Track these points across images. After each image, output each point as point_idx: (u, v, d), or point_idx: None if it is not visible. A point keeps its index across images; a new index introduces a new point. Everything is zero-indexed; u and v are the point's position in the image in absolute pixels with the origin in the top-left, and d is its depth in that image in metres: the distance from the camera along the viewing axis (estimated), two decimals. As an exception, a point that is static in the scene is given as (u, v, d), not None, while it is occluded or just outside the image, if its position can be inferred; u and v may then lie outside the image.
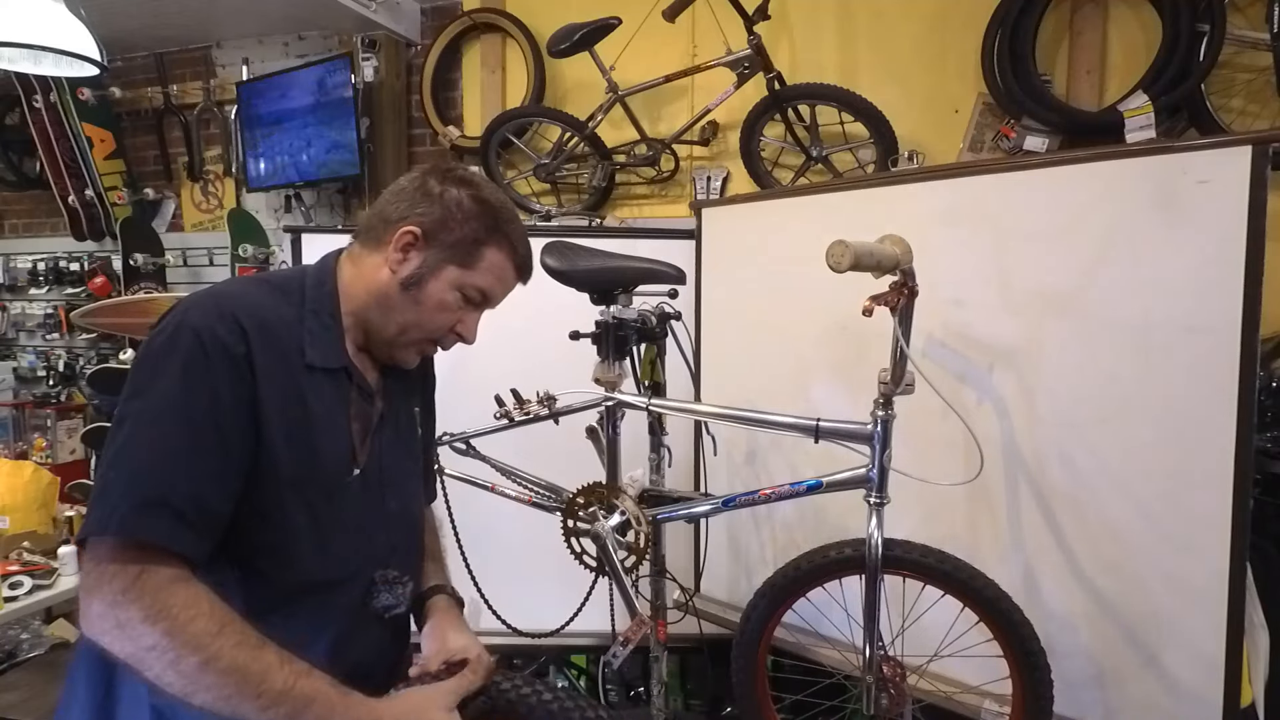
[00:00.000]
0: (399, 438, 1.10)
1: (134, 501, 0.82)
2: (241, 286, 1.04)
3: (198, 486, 0.85)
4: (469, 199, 1.02)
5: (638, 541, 1.62)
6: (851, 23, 2.63)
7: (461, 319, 1.06)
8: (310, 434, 0.94)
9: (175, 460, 0.84)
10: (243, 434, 0.88)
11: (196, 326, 0.87)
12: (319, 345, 0.98)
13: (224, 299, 0.93)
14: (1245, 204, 1.36)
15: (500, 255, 1.05)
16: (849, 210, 1.87)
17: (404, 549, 1.09)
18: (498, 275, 1.05)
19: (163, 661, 0.80)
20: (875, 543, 1.39)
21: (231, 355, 0.88)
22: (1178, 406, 1.45)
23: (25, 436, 3.63)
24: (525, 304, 1.24)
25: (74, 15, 2.10)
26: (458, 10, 3.16)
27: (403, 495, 1.09)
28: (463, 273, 1.02)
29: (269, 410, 0.90)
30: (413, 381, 1.16)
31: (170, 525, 0.83)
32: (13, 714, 2.06)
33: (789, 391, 1.99)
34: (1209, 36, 2.07)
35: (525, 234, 1.09)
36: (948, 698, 1.69)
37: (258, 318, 0.92)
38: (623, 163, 2.86)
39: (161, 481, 0.83)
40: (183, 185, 3.74)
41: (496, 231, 1.04)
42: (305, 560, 0.94)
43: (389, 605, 1.04)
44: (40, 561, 2.25)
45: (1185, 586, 1.46)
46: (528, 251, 1.10)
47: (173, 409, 0.85)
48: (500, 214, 1.05)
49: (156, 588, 0.82)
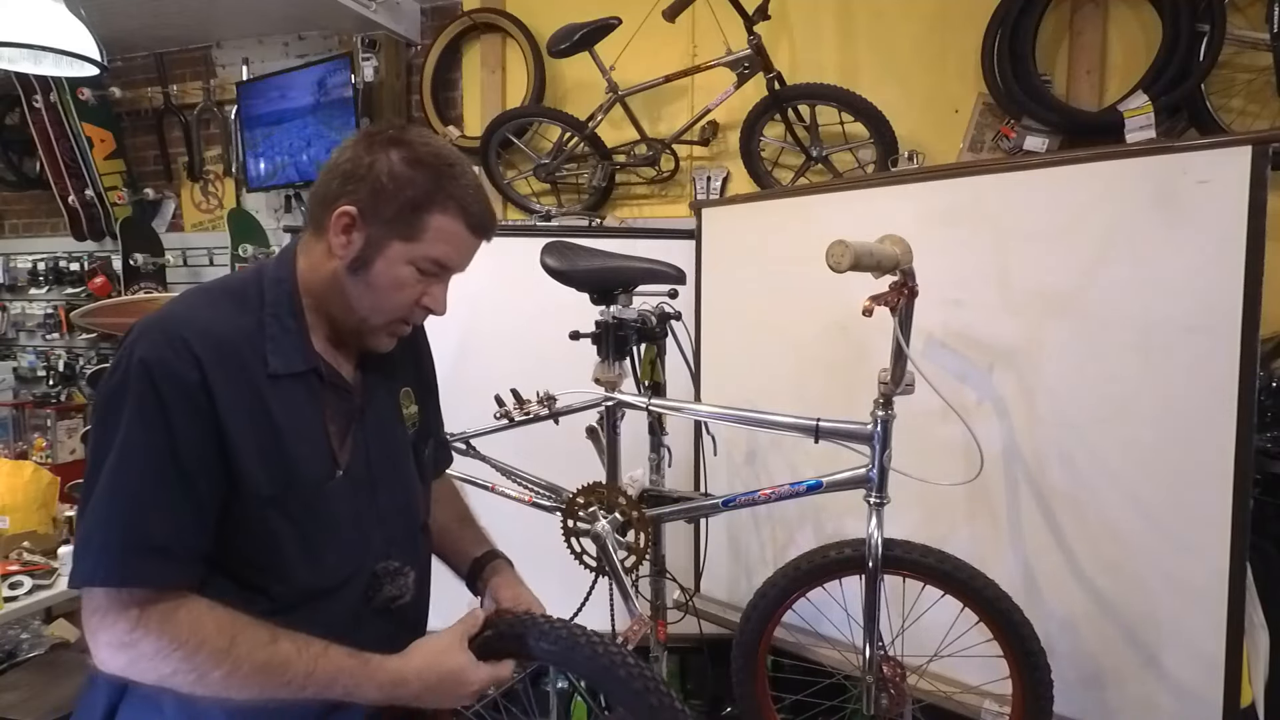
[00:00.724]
0: (385, 428, 1.06)
1: (116, 551, 0.83)
2: (191, 304, 0.95)
3: (174, 524, 0.85)
4: (401, 163, 0.93)
5: (638, 541, 1.62)
6: (851, 23, 2.63)
7: (425, 292, 0.98)
8: (283, 446, 0.91)
9: (148, 505, 0.84)
10: (209, 463, 0.87)
11: (145, 360, 0.84)
12: (282, 351, 0.93)
13: (172, 323, 0.88)
14: (1245, 204, 1.36)
15: (447, 219, 0.94)
16: (849, 210, 1.87)
17: (402, 539, 1.07)
18: (449, 241, 0.96)
19: (188, 681, 0.84)
20: (875, 543, 1.39)
21: (185, 385, 0.85)
22: (1178, 406, 1.45)
23: (25, 436, 3.63)
24: (525, 304, 1.23)
25: (74, 15, 2.10)
26: (458, 10, 3.16)
27: (395, 486, 1.07)
28: (410, 246, 0.94)
29: (235, 431, 0.88)
30: (397, 363, 1.11)
31: (156, 567, 0.84)
32: (13, 714, 2.05)
33: (789, 391, 1.99)
34: (1209, 36, 2.07)
35: (475, 186, 0.97)
36: (948, 698, 1.69)
37: (210, 337, 0.88)
38: (623, 163, 2.86)
39: (138, 526, 0.84)
40: (183, 185, 3.73)
41: (439, 193, 0.94)
42: (298, 571, 0.94)
43: (393, 597, 1.03)
44: (40, 561, 2.24)
45: (1185, 586, 1.46)
46: (481, 207, 0.97)
47: (135, 453, 0.84)
48: (440, 172, 0.94)
49: (160, 622, 0.84)
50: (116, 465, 0.84)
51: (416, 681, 0.93)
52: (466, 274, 1.04)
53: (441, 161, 0.95)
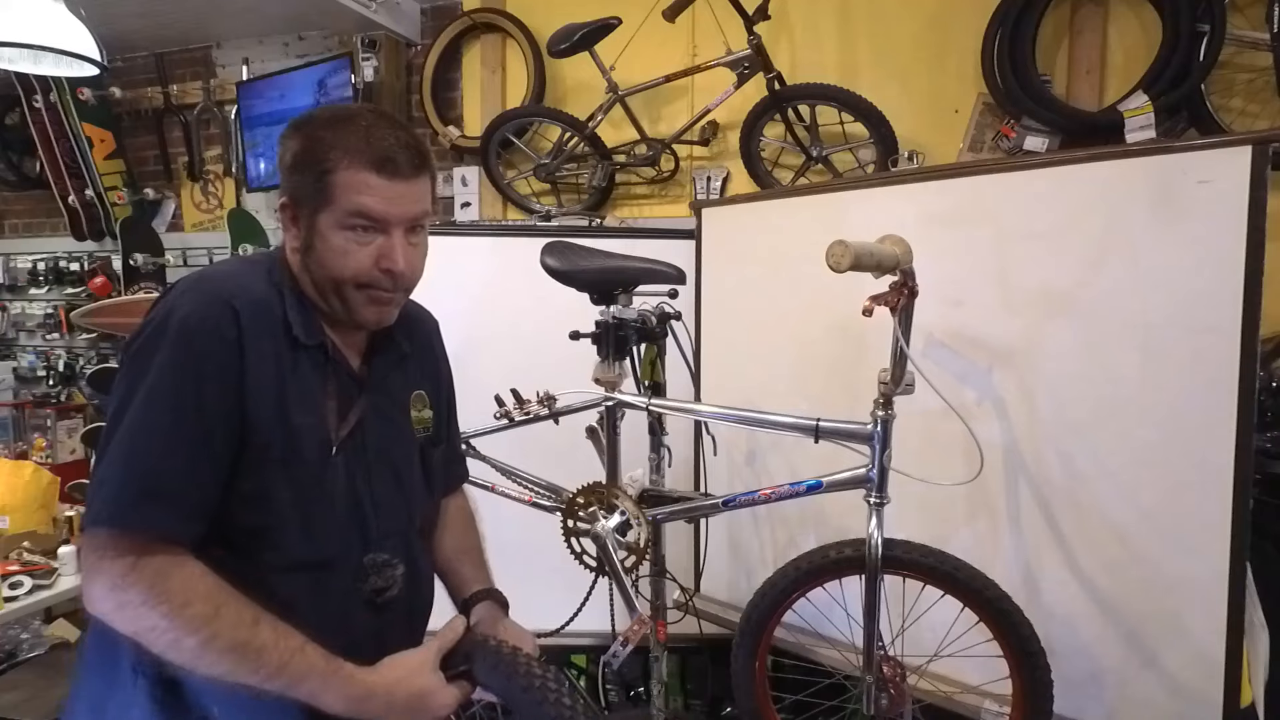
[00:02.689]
0: (390, 423, 1.08)
1: (129, 492, 0.85)
2: (231, 267, 1.03)
3: (188, 475, 0.87)
4: (302, 139, 0.95)
5: (638, 541, 1.62)
6: (851, 23, 2.63)
7: (377, 251, 0.96)
8: (291, 412, 0.94)
9: (165, 451, 0.87)
10: (229, 421, 0.90)
11: (187, 314, 0.89)
12: (299, 321, 0.97)
13: (215, 282, 0.94)
14: (1245, 204, 1.36)
15: (348, 171, 0.93)
16: (849, 210, 1.87)
17: (397, 534, 1.07)
18: (359, 190, 0.93)
19: (164, 641, 0.85)
20: (875, 543, 1.39)
21: (223, 339, 0.89)
22: (1178, 406, 1.45)
23: (25, 436, 3.62)
24: (525, 304, 1.23)
25: (74, 15, 2.10)
26: (458, 10, 3.16)
27: (394, 480, 1.07)
28: (330, 212, 0.94)
29: (259, 389, 0.91)
30: (413, 367, 1.13)
31: (162, 514, 0.86)
32: (13, 714, 2.06)
33: (789, 392, 1.99)
34: (1209, 36, 2.07)
35: (370, 128, 0.94)
36: (948, 698, 1.69)
37: (250, 296, 0.93)
38: (623, 163, 2.85)
39: (152, 472, 0.86)
40: (183, 185, 3.73)
41: (331, 150, 0.93)
42: (291, 540, 0.95)
43: (380, 588, 1.03)
44: (40, 561, 2.24)
45: (1185, 587, 1.46)
46: (380, 145, 0.93)
47: (162, 400, 0.87)
48: (332, 129, 0.94)
49: (154, 572, 0.85)
50: (140, 411, 0.87)
51: (383, 698, 0.92)
52: (467, 274, 1.03)
53: (334, 119, 0.95)
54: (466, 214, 3.16)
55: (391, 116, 0.99)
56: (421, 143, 0.99)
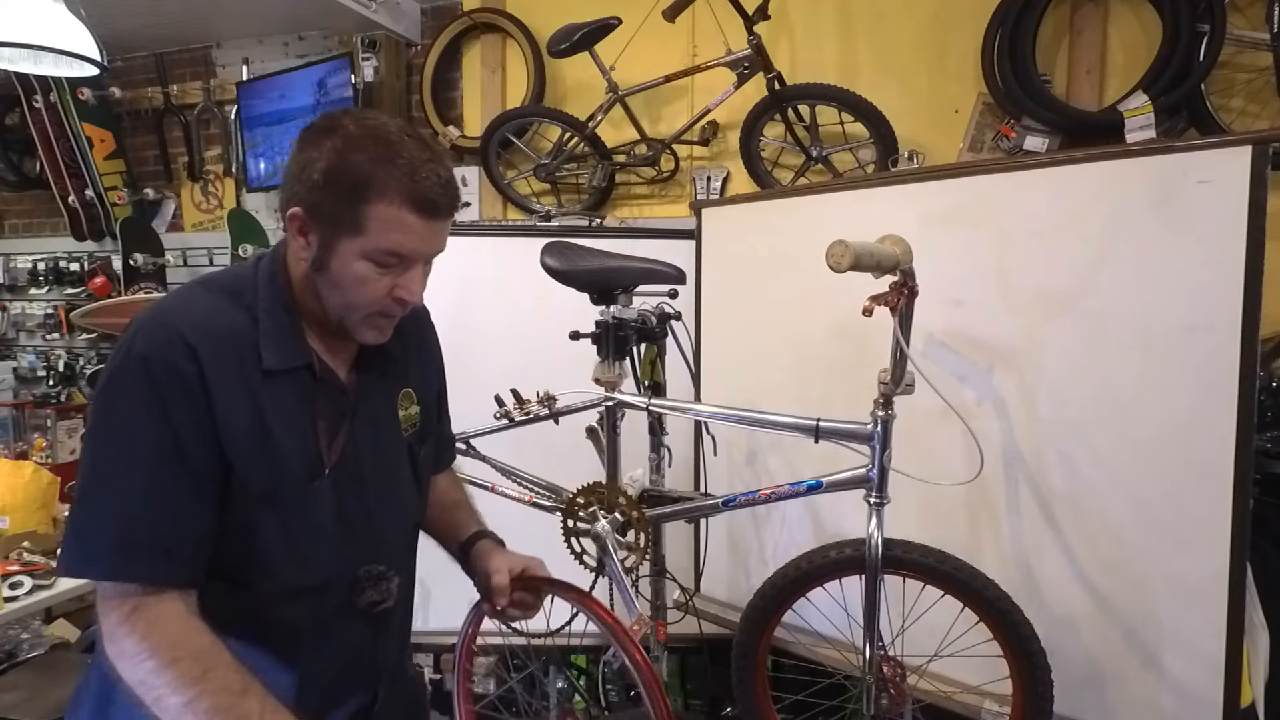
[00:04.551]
0: (379, 429, 1.05)
1: (113, 545, 0.83)
2: (187, 298, 0.94)
3: (175, 519, 0.85)
4: (333, 154, 0.88)
5: (638, 541, 1.62)
6: (851, 23, 2.63)
7: (396, 283, 0.93)
8: (273, 443, 0.91)
9: (149, 497, 0.84)
10: (206, 456, 0.87)
11: (144, 353, 0.85)
12: (276, 346, 0.93)
13: (169, 316, 0.88)
14: (1245, 204, 1.36)
15: (388, 206, 0.87)
16: (849, 210, 1.87)
17: (393, 543, 1.06)
18: (397, 229, 0.89)
19: (150, 696, 0.82)
20: (875, 543, 1.39)
21: (182, 377, 0.85)
22: (1178, 406, 1.45)
23: (25, 436, 3.62)
24: (525, 304, 1.23)
25: (74, 15, 2.10)
26: (458, 10, 3.16)
27: (387, 490, 1.05)
28: (358, 241, 0.89)
29: (229, 424, 0.88)
30: (399, 363, 1.09)
31: (152, 565, 0.84)
32: (13, 714, 2.05)
33: (789, 391, 1.99)
34: (1209, 36, 2.07)
35: (416, 162, 0.88)
36: (948, 698, 1.69)
37: (206, 330, 0.88)
38: (623, 163, 2.86)
39: (140, 521, 0.84)
40: (183, 185, 3.73)
41: (375, 180, 0.87)
42: (283, 569, 0.93)
43: (374, 601, 1.02)
44: (40, 561, 2.24)
45: (1185, 586, 1.46)
46: (425, 185, 0.89)
47: (133, 447, 0.84)
48: (374, 156, 0.87)
49: (149, 623, 0.83)
50: (116, 458, 0.84)
51: None
52: (466, 274, 1.03)
53: (376, 143, 0.88)
54: (466, 214, 3.16)
55: (430, 145, 0.93)
56: (453, 175, 0.94)
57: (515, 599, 1.12)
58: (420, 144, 0.91)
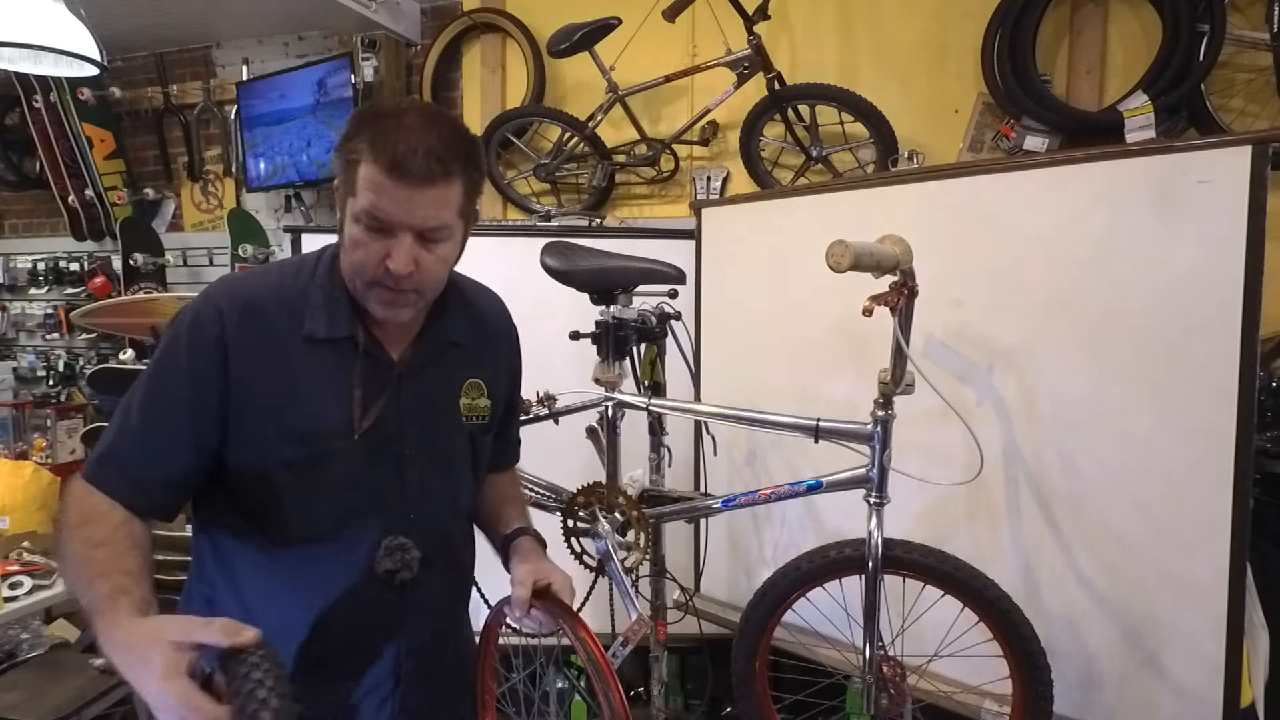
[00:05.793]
0: (430, 407, 1.08)
1: (100, 452, 0.98)
2: (253, 271, 1.09)
3: (147, 454, 0.97)
4: (348, 123, 0.95)
5: (638, 541, 1.62)
6: (851, 23, 2.63)
7: (385, 250, 0.94)
8: (299, 403, 0.99)
9: (137, 429, 0.97)
10: (208, 412, 0.97)
11: (185, 318, 1.00)
12: (322, 317, 1.01)
13: (219, 287, 1.03)
14: (1245, 204, 1.36)
15: (369, 167, 0.91)
16: (849, 210, 1.87)
17: (427, 523, 1.07)
18: (372, 190, 0.91)
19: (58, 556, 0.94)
20: (875, 543, 1.39)
21: (206, 338, 0.97)
22: (1178, 407, 1.45)
23: (25, 436, 3.62)
24: (525, 304, 1.24)
25: (74, 15, 2.10)
26: (458, 10, 3.16)
27: (430, 470, 1.07)
28: (352, 202, 0.94)
29: (247, 385, 0.97)
30: (469, 352, 1.12)
31: (115, 479, 0.96)
32: (13, 714, 2.05)
33: (789, 391, 1.99)
34: (1209, 36, 2.07)
35: (401, 129, 0.90)
36: (948, 698, 1.69)
37: (241, 299, 0.99)
38: (623, 163, 2.86)
39: (120, 444, 0.97)
40: (183, 185, 3.73)
41: (363, 143, 0.91)
42: (291, 519, 1.00)
43: (391, 570, 1.04)
44: (40, 561, 2.24)
45: (1185, 586, 1.46)
46: (401, 148, 0.89)
47: (147, 387, 0.99)
48: (368, 122, 0.93)
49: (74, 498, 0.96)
50: (135, 391, 0.99)
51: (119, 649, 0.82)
52: (467, 274, 1.03)
53: (379, 112, 0.94)
54: (466, 214, 3.15)
55: (437, 115, 0.95)
56: (453, 148, 0.92)
57: (532, 614, 1.11)
58: (422, 112, 0.94)
